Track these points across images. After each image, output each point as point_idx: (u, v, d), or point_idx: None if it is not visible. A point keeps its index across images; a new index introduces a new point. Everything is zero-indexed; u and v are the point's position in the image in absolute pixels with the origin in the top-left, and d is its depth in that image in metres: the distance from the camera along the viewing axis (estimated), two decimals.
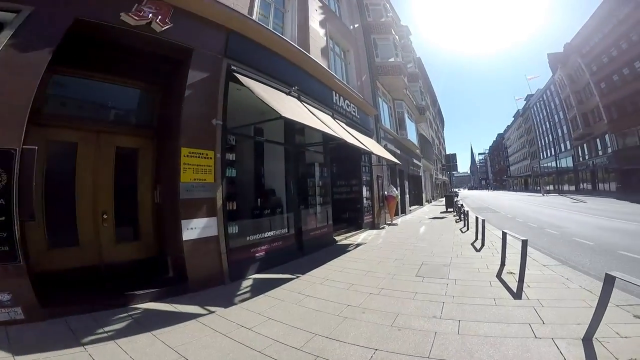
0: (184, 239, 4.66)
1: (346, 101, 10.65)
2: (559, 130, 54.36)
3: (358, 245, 8.91)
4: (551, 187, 53.96)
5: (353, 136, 8.60)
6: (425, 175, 29.98)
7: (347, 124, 10.05)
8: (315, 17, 10.04)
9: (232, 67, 5.77)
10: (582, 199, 29.46)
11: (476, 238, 8.98)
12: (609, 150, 37.02)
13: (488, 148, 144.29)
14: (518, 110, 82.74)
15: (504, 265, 5.86)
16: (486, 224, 8.76)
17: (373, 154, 9.65)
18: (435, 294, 4.55)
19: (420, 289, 4.80)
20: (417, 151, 25.17)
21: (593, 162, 41.68)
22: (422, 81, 33.08)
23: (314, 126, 5.79)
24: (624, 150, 33.67)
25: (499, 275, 5.32)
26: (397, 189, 16.30)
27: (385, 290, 4.77)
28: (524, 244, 4.87)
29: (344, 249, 8.27)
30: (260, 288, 5.09)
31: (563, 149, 53.31)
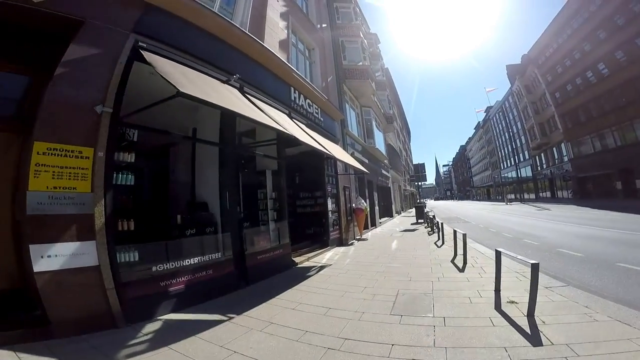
0: (35, 270, 3.11)
1: (307, 100, 9.37)
2: (518, 141, 56.57)
3: (322, 267, 7.45)
4: (513, 196, 55.66)
5: (311, 137, 7.26)
6: (394, 187, 29.34)
7: (307, 126, 8.75)
8: (275, 7, 8.81)
9: (141, 43, 4.26)
10: (545, 206, 29.99)
11: (455, 254, 7.86)
12: (565, 158, 38.60)
13: (451, 160, 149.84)
14: (478, 122, 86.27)
15: (499, 291, 4.66)
16: (460, 236, 7.69)
17: (336, 158, 8.35)
18: (419, 345, 3.19)
19: (398, 336, 3.42)
20: (386, 161, 24.42)
21: (551, 170, 43.42)
22: (390, 91, 32.88)
23: (248, 116, 4.36)
24: (579, 159, 35.12)
25: (498, 308, 4.08)
26: (366, 201, 15.15)
27: (349, 343, 3.34)
28: (535, 269, 3.63)
29: (304, 274, 6.79)
30: (165, 336, 3.53)
31: (522, 159, 55.44)
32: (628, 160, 27.31)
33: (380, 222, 18.69)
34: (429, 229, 14.44)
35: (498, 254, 4.72)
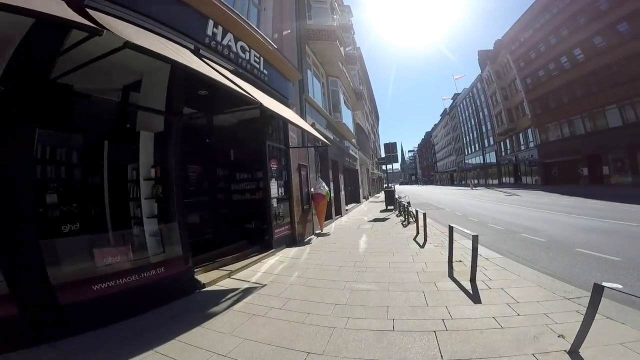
0: None
1: (240, 43, 6.32)
2: (484, 127, 56.79)
3: (246, 292, 4.67)
4: (476, 181, 55.91)
5: (229, 79, 4.35)
6: (362, 170, 27.02)
7: (235, 73, 5.78)
8: None
9: None
10: (513, 192, 29.16)
11: (450, 262, 5.45)
12: (532, 144, 38.44)
13: (417, 146, 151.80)
14: (445, 109, 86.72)
15: None
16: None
17: (277, 114, 5.51)
18: None
19: None
20: (354, 141, 21.86)
21: (516, 156, 43.41)
22: (360, 68, 30.07)
23: None
24: (546, 145, 34.85)
25: None
26: (329, 185, 12.47)
27: None
28: None
29: (202, 311, 3.97)
30: None
31: (487, 145, 55.74)
32: (596, 147, 26.90)
33: (346, 210, 16.21)
34: (402, 218, 12.14)
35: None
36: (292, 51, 9.91)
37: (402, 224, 10.93)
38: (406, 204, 11.36)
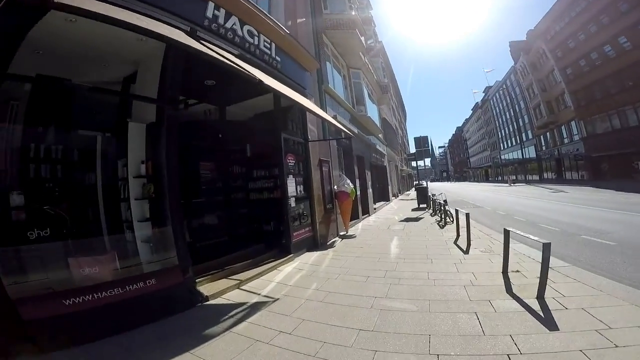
0: None
1: (247, 27, 5.58)
2: (520, 120, 53.53)
3: (256, 306, 3.91)
4: (514, 177, 52.56)
5: (224, 57, 3.62)
6: (390, 166, 25.77)
7: (241, 58, 5.06)
8: None
9: None
10: (557, 188, 26.79)
11: (505, 271, 4.43)
12: (576, 137, 35.41)
13: (447, 141, 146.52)
14: (477, 102, 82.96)
15: None
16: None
17: (295, 101, 4.75)
18: None
19: None
20: (380, 136, 20.75)
21: (558, 150, 40.21)
22: (384, 62, 28.81)
23: None
24: (594, 137, 31.88)
25: None
26: (355, 182, 11.58)
27: None
28: None
29: (203, 328, 3.26)
30: None
31: (524, 139, 52.40)
32: None
33: (374, 209, 15.20)
34: (437, 217, 11.01)
35: None
36: (308, 39, 9.10)
37: (438, 224, 9.82)
38: (442, 202, 10.21)
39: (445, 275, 4.70)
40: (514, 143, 57.64)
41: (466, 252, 6.07)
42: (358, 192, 11.86)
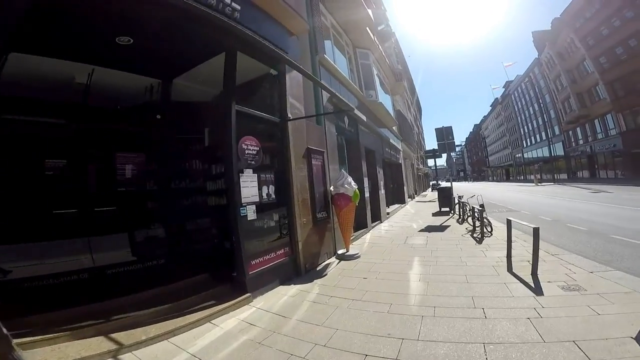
0: None
1: None
2: (545, 115, 49.96)
3: None
4: (540, 176, 48.87)
5: None
6: (405, 164, 23.14)
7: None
8: None
9: None
10: (595, 187, 23.58)
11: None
12: (612, 132, 31.99)
13: (464, 140, 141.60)
14: (496, 98, 79.14)
15: None
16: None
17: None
18: None
19: None
20: (395, 129, 18.26)
21: (591, 146, 36.67)
22: (397, 54, 26.20)
23: None
24: (635, 132, 28.49)
25: None
26: (364, 181, 9.23)
27: None
28: None
29: None
30: None
31: (551, 135, 48.74)
32: None
33: (387, 214, 12.74)
34: (467, 225, 8.59)
35: None
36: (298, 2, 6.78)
37: (472, 236, 7.36)
38: (478, 209, 7.69)
39: (525, 355, 2.32)
40: (539, 140, 53.93)
41: (536, 289, 3.66)
42: (367, 194, 9.47)
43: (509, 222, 5.23)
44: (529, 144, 59.20)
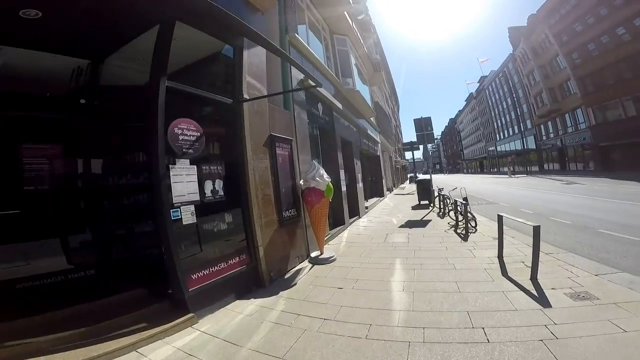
0: None
1: None
2: (518, 110, 51.16)
3: None
4: (513, 169, 50.14)
5: None
6: (384, 157, 22.68)
7: None
8: None
9: None
10: (567, 179, 24.11)
11: None
12: (582, 126, 32.92)
13: (440, 134, 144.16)
14: (471, 93, 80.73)
15: None
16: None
17: None
18: None
19: None
20: (373, 120, 17.67)
21: (561, 140, 37.70)
22: (376, 47, 25.53)
23: None
24: (604, 126, 29.40)
25: None
26: (340, 173, 8.56)
27: None
28: None
29: None
30: None
31: (523, 129, 49.99)
32: None
33: (366, 208, 12.13)
34: (449, 219, 8.14)
35: None
36: None
37: (456, 232, 6.83)
38: (461, 203, 7.15)
39: None
40: (511, 133, 55.26)
41: (541, 299, 3.08)
42: (343, 188, 8.78)
43: (500, 219, 4.66)
44: (502, 137, 60.62)
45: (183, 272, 3.09)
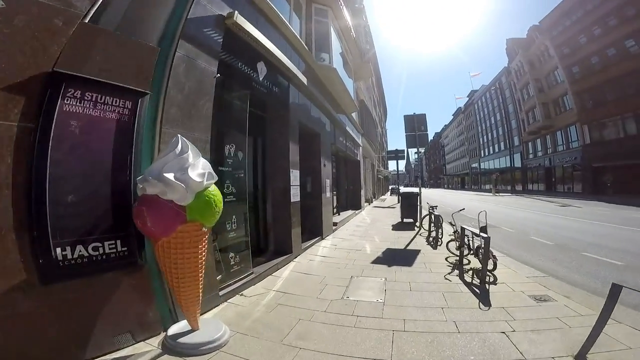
0: None
1: None
2: (506, 125, 49.99)
3: None
4: (496, 186, 48.74)
5: None
6: (365, 163, 20.02)
7: None
8: None
9: None
10: (558, 201, 21.99)
11: None
12: (574, 144, 31.45)
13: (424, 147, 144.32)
14: (459, 107, 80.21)
15: None
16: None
17: None
18: None
19: None
20: (355, 117, 14.98)
21: (550, 159, 36.28)
22: (367, 34, 23.06)
23: None
24: (599, 145, 27.85)
25: None
26: (290, 174, 5.76)
27: None
28: None
29: None
30: None
31: (510, 146, 48.80)
32: None
33: (335, 224, 9.31)
34: (445, 250, 5.50)
35: None
36: None
37: (462, 280, 4.11)
38: (474, 235, 4.48)
39: None
40: (497, 150, 54.16)
41: None
42: (294, 199, 5.93)
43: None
44: (487, 153, 59.49)
45: None
